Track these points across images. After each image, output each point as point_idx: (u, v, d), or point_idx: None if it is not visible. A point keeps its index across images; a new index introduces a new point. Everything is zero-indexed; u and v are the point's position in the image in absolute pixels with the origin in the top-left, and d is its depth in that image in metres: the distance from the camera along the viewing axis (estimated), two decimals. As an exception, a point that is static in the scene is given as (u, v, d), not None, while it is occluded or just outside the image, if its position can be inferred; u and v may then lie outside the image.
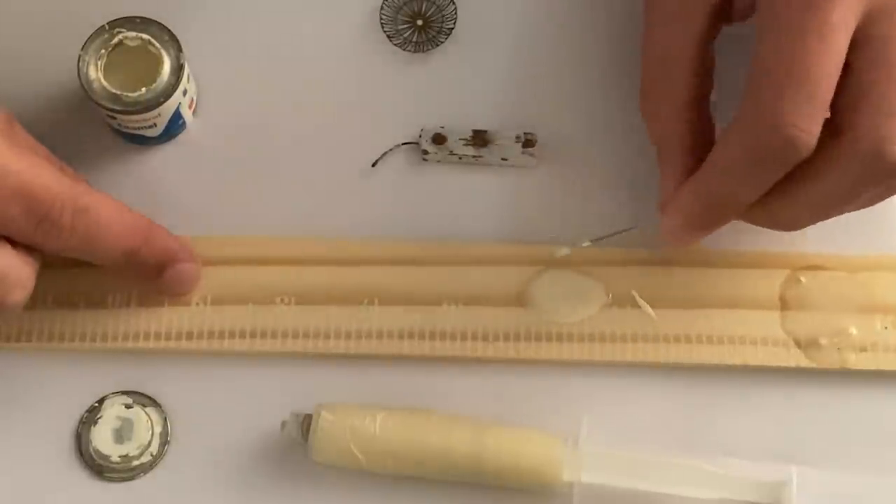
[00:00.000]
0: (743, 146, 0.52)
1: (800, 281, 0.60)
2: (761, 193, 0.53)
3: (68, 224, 0.54)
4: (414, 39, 0.64)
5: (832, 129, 0.52)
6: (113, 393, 0.58)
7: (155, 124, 0.60)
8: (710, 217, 0.54)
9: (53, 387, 0.59)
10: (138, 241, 0.56)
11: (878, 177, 0.52)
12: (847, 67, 0.51)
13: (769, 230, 0.56)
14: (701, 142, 0.55)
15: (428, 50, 0.64)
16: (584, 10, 0.63)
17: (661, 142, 0.57)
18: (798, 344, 0.58)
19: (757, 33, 0.52)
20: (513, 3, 0.64)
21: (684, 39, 0.56)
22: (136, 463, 0.57)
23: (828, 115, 0.51)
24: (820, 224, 0.57)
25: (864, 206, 0.55)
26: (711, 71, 0.56)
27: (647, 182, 0.59)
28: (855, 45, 0.51)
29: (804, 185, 0.53)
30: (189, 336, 0.59)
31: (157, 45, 0.59)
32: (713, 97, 0.56)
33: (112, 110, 0.59)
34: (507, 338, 0.59)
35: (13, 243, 0.53)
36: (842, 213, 0.55)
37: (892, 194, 0.55)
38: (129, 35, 0.59)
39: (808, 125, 0.50)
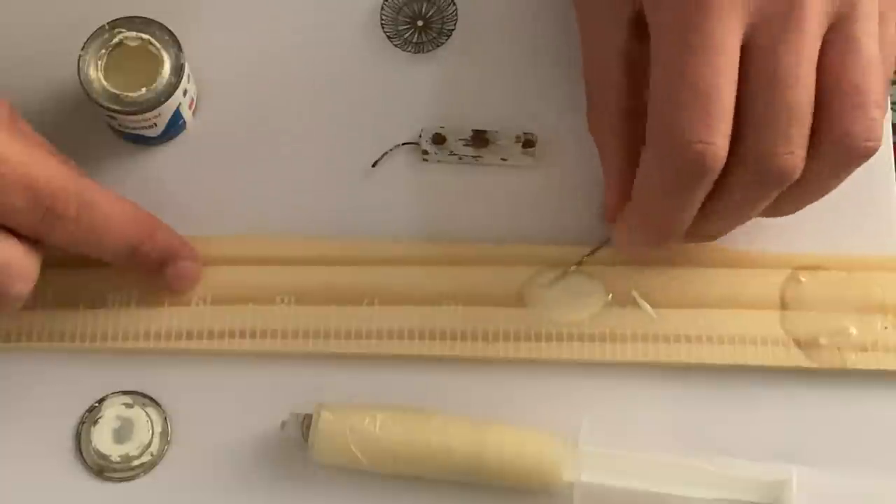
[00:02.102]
0: (656, 168, 0.52)
1: (800, 281, 0.60)
2: (693, 210, 0.53)
3: (73, 216, 0.54)
4: (414, 40, 0.64)
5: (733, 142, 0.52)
6: (113, 393, 0.58)
7: (155, 124, 0.60)
8: (653, 235, 0.55)
9: (53, 387, 0.59)
10: (142, 236, 0.56)
11: (771, 185, 0.52)
12: (739, 80, 0.52)
13: (769, 230, 0.56)
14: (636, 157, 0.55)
15: (428, 50, 0.64)
16: (584, 11, 0.63)
17: (600, 151, 0.58)
18: (798, 344, 0.59)
19: (651, 54, 0.53)
20: (513, 3, 0.64)
21: (608, 53, 0.56)
22: (136, 463, 0.57)
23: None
24: (820, 224, 0.57)
25: (800, 207, 0.55)
26: (645, 82, 0.56)
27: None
28: (743, 56, 0.51)
29: (716, 197, 0.53)
30: (189, 336, 0.59)
31: (157, 45, 0.59)
32: None
33: (112, 110, 0.59)
34: (507, 338, 0.59)
35: (17, 236, 0.54)
36: (744, 221, 0.55)
37: (822, 194, 0.54)
38: (129, 35, 0.59)
39: (711, 138, 0.50)
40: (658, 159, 0.52)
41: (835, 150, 0.51)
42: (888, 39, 0.53)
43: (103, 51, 0.59)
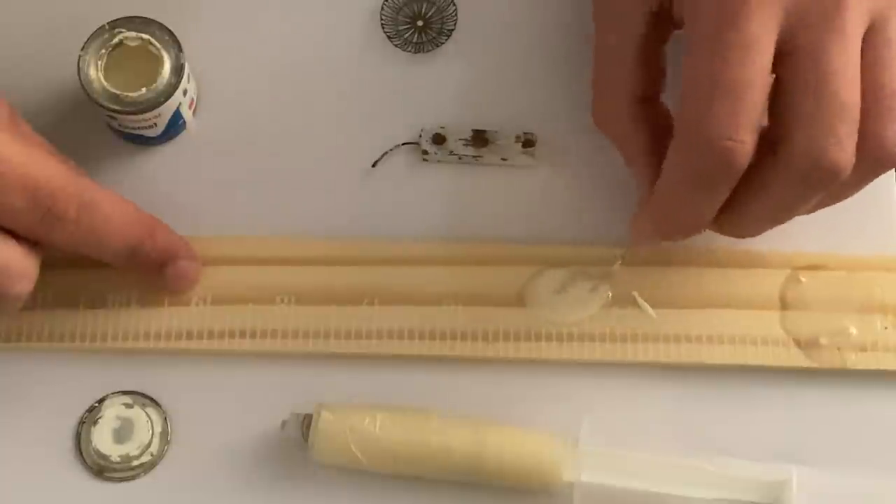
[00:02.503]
0: (682, 163, 0.52)
1: (800, 281, 0.60)
2: (717, 205, 0.53)
3: (73, 217, 0.54)
4: (414, 40, 0.64)
5: (773, 141, 0.52)
6: (113, 393, 0.58)
7: (155, 124, 0.60)
8: (673, 230, 0.55)
9: (53, 387, 0.59)
10: (142, 237, 0.56)
11: (818, 185, 0.52)
12: (778, 79, 0.52)
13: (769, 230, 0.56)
14: (659, 142, 0.55)
15: (428, 50, 0.64)
16: (584, 11, 0.63)
17: (616, 142, 0.58)
18: (798, 344, 0.59)
19: (684, 48, 0.53)
20: (513, 3, 0.64)
21: (625, 43, 0.56)
22: (136, 463, 0.57)
23: (764, 124, 0.52)
24: (820, 224, 0.57)
25: (818, 209, 0.55)
26: (660, 73, 0.57)
27: (647, 182, 0.59)
28: (781, 57, 0.52)
29: (753, 197, 0.53)
30: (189, 336, 0.59)
31: (157, 45, 0.59)
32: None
33: (112, 110, 0.59)
34: (507, 338, 0.59)
35: (17, 236, 0.53)
36: (794, 216, 0.55)
37: (843, 198, 0.55)
38: (129, 35, 0.59)
39: (740, 136, 0.50)
40: (685, 153, 0.52)
41: (869, 155, 0.52)
42: None
43: (103, 51, 0.59)
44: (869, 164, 0.52)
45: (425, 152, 0.62)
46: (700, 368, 0.59)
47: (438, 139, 0.62)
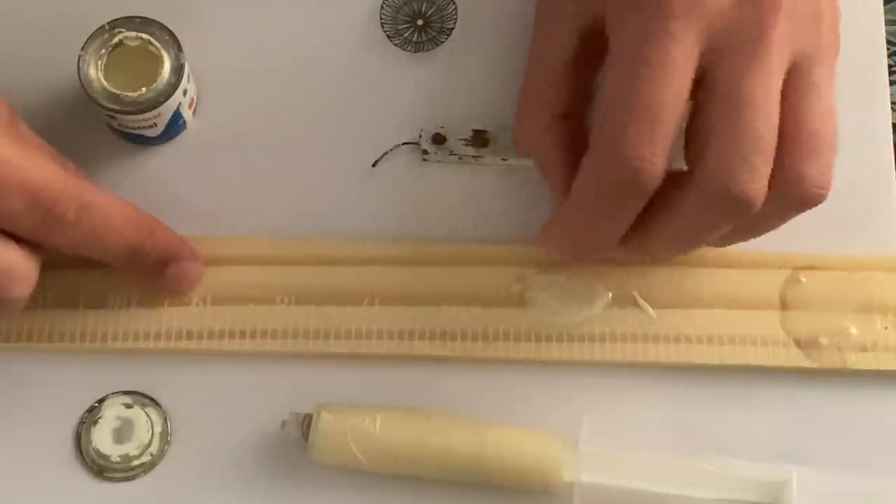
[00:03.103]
0: (593, 179, 0.52)
1: (800, 281, 0.60)
2: (624, 225, 0.53)
3: (72, 219, 0.54)
4: (414, 39, 0.64)
5: (688, 165, 0.52)
6: (113, 393, 0.58)
7: (155, 124, 0.60)
8: (580, 248, 0.55)
9: (53, 387, 0.59)
10: (141, 238, 0.56)
11: (727, 212, 0.52)
12: (696, 104, 0.52)
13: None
14: (577, 159, 0.55)
15: (428, 50, 0.64)
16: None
17: (532, 151, 0.58)
18: (798, 344, 0.59)
19: (605, 67, 0.53)
20: (513, 3, 0.64)
21: (555, 56, 0.56)
22: (136, 463, 0.57)
23: (672, 147, 0.51)
24: (820, 224, 0.57)
25: (732, 242, 0.55)
26: (586, 92, 0.57)
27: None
28: (701, 81, 0.52)
29: (662, 219, 0.53)
30: (189, 336, 0.59)
31: (157, 45, 0.59)
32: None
33: (112, 110, 0.59)
34: (507, 338, 0.59)
35: (17, 239, 0.53)
36: (703, 244, 0.55)
37: (761, 232, 0.55)
38: (129, 35, 0.59)
39: (651, 156, 0.50)
40: (595, 169, 0.52)
41: (787, 192, 0.52)
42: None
43: (103, 51, 0.59)
44: (788, 202, 0.52)
45: (425, 152, 0.62)
46: (700, 368, 0.59)
47: (438, 139, 0.62)
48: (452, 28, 0.64)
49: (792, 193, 0.52)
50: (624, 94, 0.51)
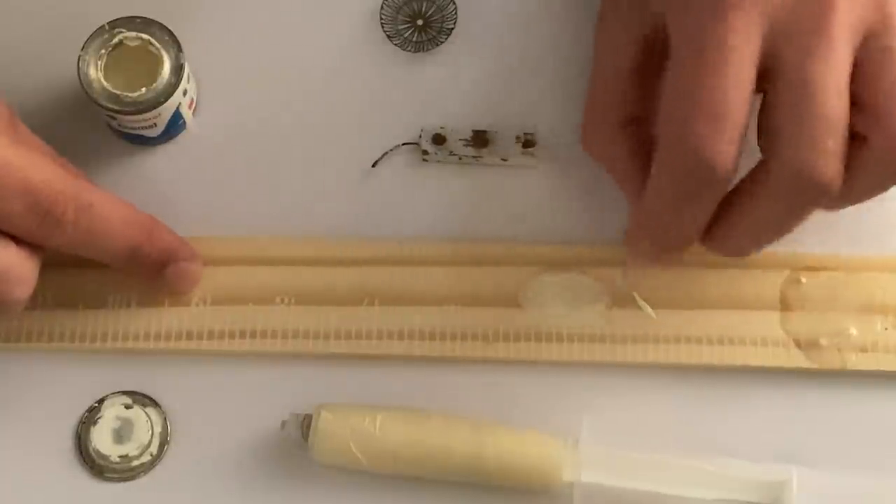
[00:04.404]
0: (663, 176, 0.52)
1: (800, 281, 0.60)
2: (702, 220, 0.53)
3: (71, 220, 0.54)
4: (414, 39, 0.64)
5: (763, 154, 0.52)
6: (113, 393, 0.58)
7: (155, 124, 0.60)
8: (662, 246, 0.55)
9: (53, 387, 0.59)
10: (141, 238, 0.56)
11: (805, 201, 0.52)
12: (765, 95, 0.52)
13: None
14: (648, 164, 0.55)
15: (428, 50, 0.64)
16: (584, 10, 0.63)
17: (606, 167, 0.58)
18: (798, 344, 0.59)
19: (668, 65, 0.53)
20: (513, 2, 0.64)
21: (618, 66, 0.56)
22: (135, 463, 0.57)
23: (741, 137, 0.51)
24: (820, 224, 0.57)
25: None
26: (651, 98, 0.57)
27: (647, 182, 0.59)
28: (765, 73, 0.52)
29: (742, 211, 0.53)
30: (189, 336, 0.59)
31: (157, 45, 0.59)
32: None
33: (112, 110, 0.59)
34: (507, 338, 0.59)
35: (16, 240, 0.53)
36: (785, 233, 0.55)
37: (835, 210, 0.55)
38: (129, 35, 0.59)
39: (720, 147, 0.50)
40: (667, 166, 0.52)
41: (881, 158, 0.52)
42: None
43: (103, 51, 0.59)
44: (887, 171, 0.52)
45: (425, 152, 0.62)
46: (700, 368, 0.59)
47: (438, 139, 0.62)
48: (452, 28, 0.64)
49: (887, 159, 0.52)
50: (687, 88, 0.51)
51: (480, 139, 0.62)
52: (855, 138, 0.52)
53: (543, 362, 0.59)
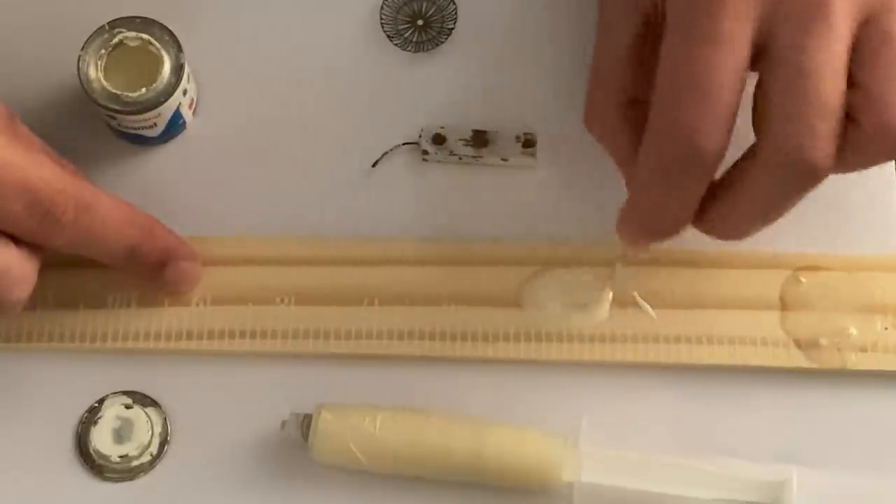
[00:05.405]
0: (653, 156, 0.52)
1: (800, 281, 0.60)
2: (692, 203, 0.53)
3: (71, 220, 0.54)
4: (414, 39, 0.64)
5: (756, 135, 0.52)
6: (113, 393, 0.58)
7: (155, 124, 0.60)
8: (652, 229, 0.55)
9: (53, 387, 0.59)
10: (140, 238, 0.56)
11: (796, 183, 0.52)
12: (760, 76, 0.52)
13: (769, 230, 0.56)
14: None
15: (428, 50, 0.64)
16: (584, 10, 0.63)
17: (604, 144, 0.57)
18: (798, 344, 0.58)
19: (661, 45, 0.53)
20: (513, 3, 0.64)
21: (618, 44, 0.56)
22: (135, 463, 0.57)
23: (732, 119, 0.51)
24: (820, 224, 0.57)
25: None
26: (652, 78, 0.56)
27: (647, 182, 0.59)
28: (761, 54, 0.51)
29: (734, 193, 0.53)
30: (189, 336, 0.59)
31: (157, 45, 0.59)
32: None
33: (112, 110, 0.59)
34: (507, 338, 0.59)
35: (15, 240, 0.53)
36: (779, 215, 0.54)
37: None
38: (129, 35, 0.59)
39: (711, 130, 0.50)
40: (655, 145, 0.52)
41: (871, 140, 0.51)
42: None
43: (103, 51, 0.59)
44: (877, 151, 0.52)
45: (425, 152, 0.62)
46: (700, 368, 0.59)
47: (438, 139, 0.62)
48: (452, 28, 0.64)
49: (877, 140, 0.51)
50: (678, 68, 0.51)
51: (480, 139, 0.62)
52: (849, 116, 0.51)
53: (543, 362, 0.59)
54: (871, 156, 0.52)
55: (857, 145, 0.51)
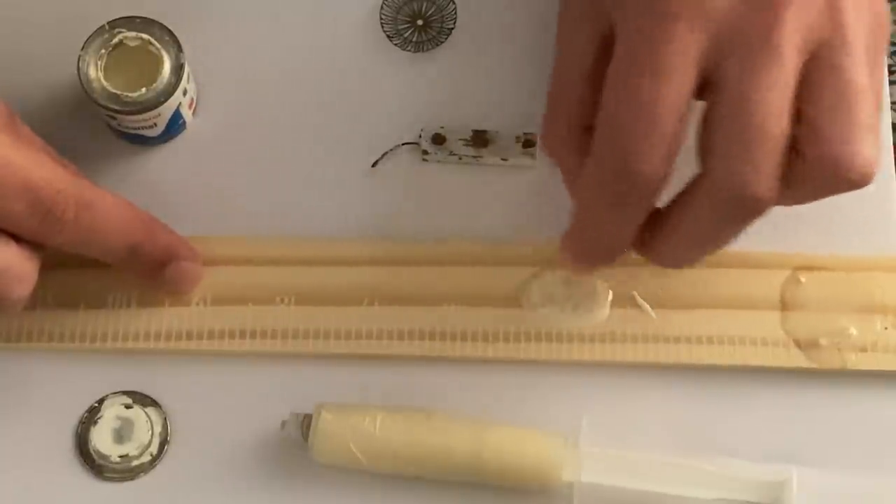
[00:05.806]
0: (594, 181, 0.52)
1: (800, 281, 0.60)
2: (630, 228, 0.53)
3: (72, 219, 0.54)
4: (414, 39, 0.64)
5: (699, 167, 0.52)
6: (113, 393, 0.58)
7: (155, 124, 0.60)
8: (592, 253, 0.54)
9: (53, 387, 0.59)
10: (141, 237, 0.56)
11: (737, 216, 0.51)
12: (706, 108, 0.51)
13: (769, 230, 0.56)
14: None
15: (428, 50, 0.64)
16: (584, 10, 0.63)
17: (560, 169, 0.56)
18: (798, 344, 0.59)
19: (608, 69, 0.52)
20: (513, 3, 0.64)
21: (575, 67, 0.55)
22: (135, 463, 0.57)
23: (674, 149, 0.51)
24: (820, 224, 0.57)
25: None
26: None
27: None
28: (709, 82, 0.51)
29: (674, 223, 0.53)
30: (189, 336, 0.59)
31: (157, 45, 0.59)
32: None
33: (112, 110, 0.59)
34: (507, 338, 0.59)
35: (16, 238, 0.53)
36: (719, 248, 0.54)
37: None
38: (129, 35, 0.59)
39: (650, 155, 0.50)
40: (596, 170, 0.51)
41: (815, 174, 0.51)
42: (878, 74, 0.52)
43: (103, 51, 0.59)
44: (826, 185, 0.51)
45: (425, 152, 0.62)
46: (700, 368, 0.59)
47: (438, 139, 0.62)
48: (452, 28, 0.64)
49: (825, 174, 0.51)
50: (622, 95, 0.51)
51: (480, 139, 0.62)
52: (794, 149, 0.51)
53: (543, 362, 0.59)
54: (815, 189, 0.52)
55: (801, 178, 0.51)
